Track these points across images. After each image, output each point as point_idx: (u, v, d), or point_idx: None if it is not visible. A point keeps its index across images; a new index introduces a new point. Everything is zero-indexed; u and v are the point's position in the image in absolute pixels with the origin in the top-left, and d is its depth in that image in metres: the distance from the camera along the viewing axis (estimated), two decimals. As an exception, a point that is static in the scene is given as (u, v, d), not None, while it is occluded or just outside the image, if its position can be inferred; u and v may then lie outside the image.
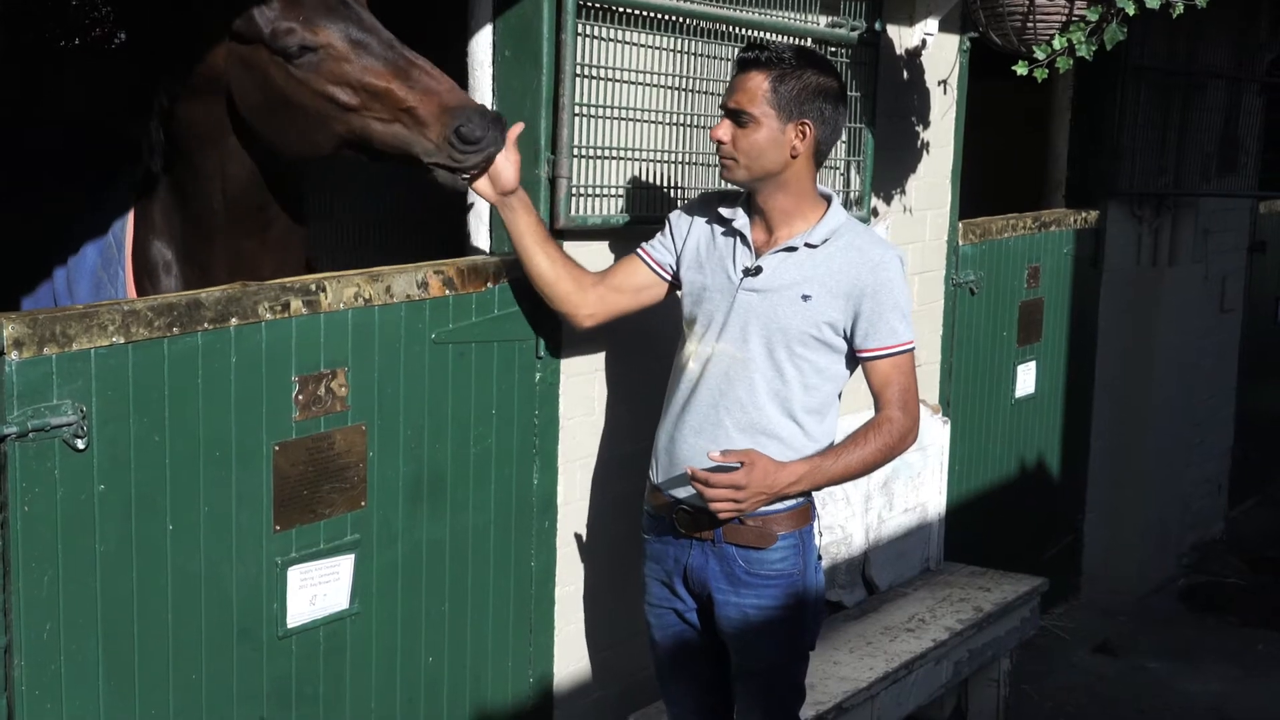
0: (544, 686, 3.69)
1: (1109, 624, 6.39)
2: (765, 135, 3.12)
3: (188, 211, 3.19)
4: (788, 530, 3.20)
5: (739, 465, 3.03)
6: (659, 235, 3.42)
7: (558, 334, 3.57)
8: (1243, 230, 7.77)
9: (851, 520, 4.81)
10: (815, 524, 3.34)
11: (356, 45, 2.88)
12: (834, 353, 3.19)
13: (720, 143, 3.16)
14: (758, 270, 3.18)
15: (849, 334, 3.17)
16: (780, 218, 3.21)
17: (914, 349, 3.21)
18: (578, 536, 3.78)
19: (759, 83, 3.12)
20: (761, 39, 3.77)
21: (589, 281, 3.37)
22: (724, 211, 3.29)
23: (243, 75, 2.94)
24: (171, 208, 3.24)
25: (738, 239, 3.24)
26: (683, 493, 3.22)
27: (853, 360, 3.22)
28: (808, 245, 3.17)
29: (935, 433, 5.19)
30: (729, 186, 3.36)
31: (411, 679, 3.30)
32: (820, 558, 3.38)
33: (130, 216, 3.35)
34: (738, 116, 3.13)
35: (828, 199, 3.25)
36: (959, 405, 5.42)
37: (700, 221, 3.34)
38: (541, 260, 3.28)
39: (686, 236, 3.35)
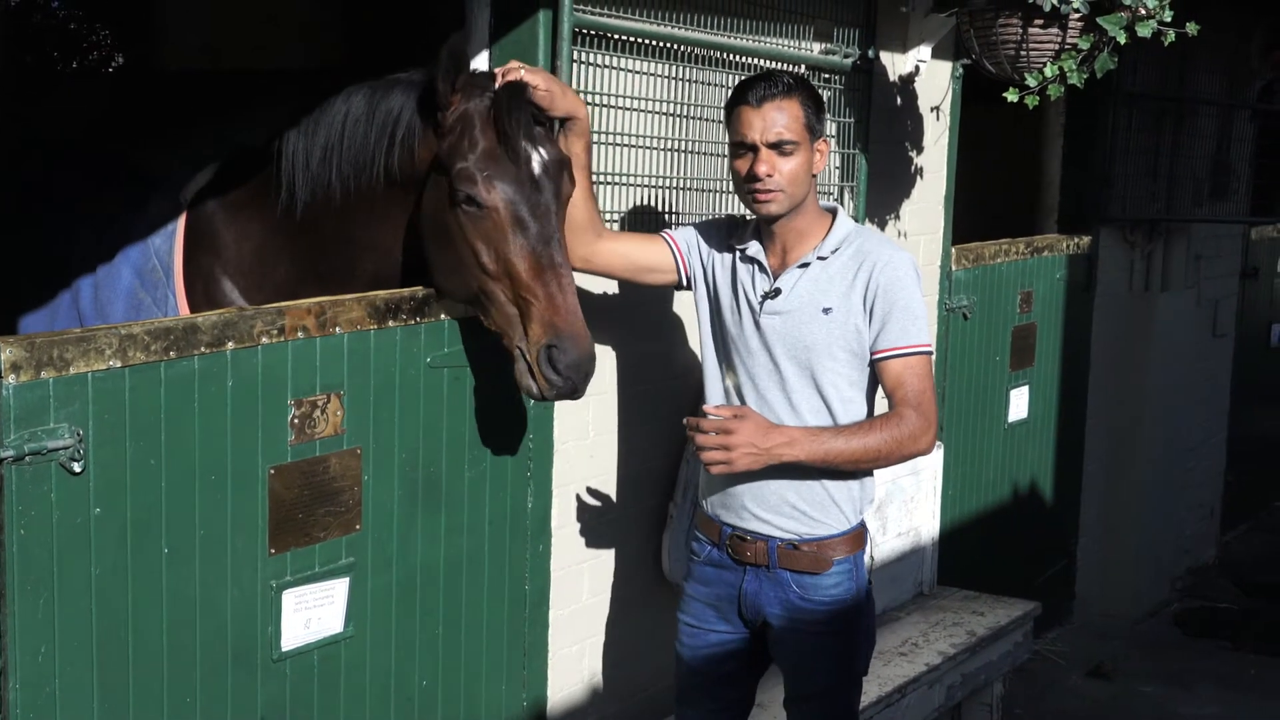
0: (538, 710, 3.69)
1: (1103, 648, 6.40)
2: (802, 161, 3.12)
3: (315, 268, 3.22)
4: (842, 555, 3.18)
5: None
6: (685, 232, 3.38)
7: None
8: (1235, 256, 7.80)
9: (845, 544, 4.82)
10: (868, 548, 3.31)
11: (517, 223, 2.93)
12: (864, 360, 3.15)
13: (767, 176, 3.09)
14: (776, 292, 3.17)
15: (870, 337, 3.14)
16: (794, 238, 3.20)
17: (930, 354, 3.13)
18: (571, 560, 3.79)
19: (796, 110, 3.10)
20: (764, 69, 3.75)
21: (601, 229, 3.32)
22: (735, 240, 3.29)
23: (431, 192, 3.02)
24: (280, 257, 3.25)
25: (755, 266, 3.22)
26: (734, 519, 3.21)
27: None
28: (820, 258, 3.17)
29: (928, 457, 5.17)
30: (743, 214, 3.33)
31: (406, 702, 3.30)
32: (871, 583, 3.33)
33: (179, 236, 3.33)
34: (781, 146, 3.09)
35: (833, 211, 3.25)
36: (952, 430, 5.43)
37: (717, 249, 3.33)
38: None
39: (709, 258, 3.33)
